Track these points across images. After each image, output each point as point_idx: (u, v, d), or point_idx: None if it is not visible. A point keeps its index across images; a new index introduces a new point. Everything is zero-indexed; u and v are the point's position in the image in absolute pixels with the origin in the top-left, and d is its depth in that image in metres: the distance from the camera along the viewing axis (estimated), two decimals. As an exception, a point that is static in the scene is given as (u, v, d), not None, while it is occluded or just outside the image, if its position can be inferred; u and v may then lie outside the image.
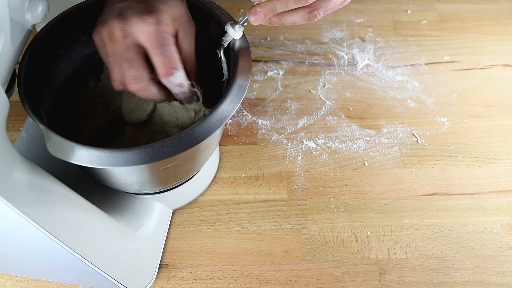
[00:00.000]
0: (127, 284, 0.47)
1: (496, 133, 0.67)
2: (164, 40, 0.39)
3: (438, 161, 0.64)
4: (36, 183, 0.38)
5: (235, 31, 0.43)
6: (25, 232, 0.36)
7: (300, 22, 0.41)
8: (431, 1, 0.86)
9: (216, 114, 0.40)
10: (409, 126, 0.68)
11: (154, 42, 0.39)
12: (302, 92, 0.71)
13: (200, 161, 0.50)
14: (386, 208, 0.59)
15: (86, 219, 0.45)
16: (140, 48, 0.39)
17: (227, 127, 0.67)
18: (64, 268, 0.45)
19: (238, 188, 0.61)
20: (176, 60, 0.40)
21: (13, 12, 0.37)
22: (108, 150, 0.37)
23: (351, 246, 0.56)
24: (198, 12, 0.48)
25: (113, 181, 0.46)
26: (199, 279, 0.53)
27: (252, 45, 0.77)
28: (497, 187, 0.62)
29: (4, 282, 0.52)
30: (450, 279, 0.54)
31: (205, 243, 0.56)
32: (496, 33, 0.81)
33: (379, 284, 0.53)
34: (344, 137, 0.66)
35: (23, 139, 0.57)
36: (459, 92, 0.72)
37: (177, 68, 0.40)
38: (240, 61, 0.44)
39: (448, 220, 0.59)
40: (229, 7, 0.44)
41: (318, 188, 0.61)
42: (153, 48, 0.39)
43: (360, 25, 0.81)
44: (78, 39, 0.51)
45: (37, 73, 0.45)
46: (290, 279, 0.54)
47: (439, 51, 0.78)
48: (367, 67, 0.75)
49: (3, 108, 0.36)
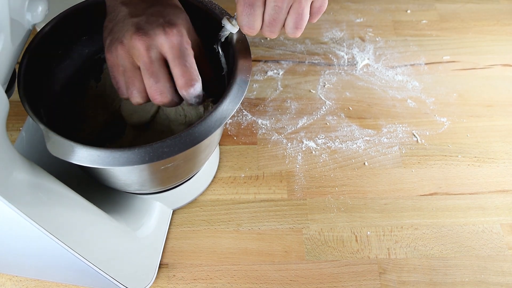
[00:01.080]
0: (127, 284, 0.47)
1: (496, 133, 0.67)
2: (186, 51, 0.40)
3: (438, 161, 0.64)
4: (36, 183, 0.38)
5: (232, 25, 0.43)
6: (25, 232, 0.36)
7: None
8: (431, 1, 0.86)
9: (216, 114, 0.40)
10: (409, 126, 0.68)
11: (176, 53, 0.39)
12: (302, 92, 0.71)
13: (200, 161, 0.50)
14: (386, 208, 0.59)
15: (86, 219, 0.45)
16: (163, 60, 0.40)
17: (227, 127, 0.67)
18: (64, 268, 0.45)
19: (238, 188, 0.61)
20: (196, 71, 0.40)
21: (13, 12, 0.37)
22: (108, 149, 0.37)
23: (351, 246, 0.56)
24: (198, 12, 0.48)
25: (113, 181, 0.46)
26: (199, 279, 0.53)
27: (252, 45, 0.77)
28: (497, 187, 0.62)
29: (4, 282, 0.52)
30: (450, 279, 0.54)
31: (205, 243, 0.56)
32: (496, 33, 0.81)
33: (379, 284, 0.53)
34: (344, 137, 0.66)
35: (23, 139, 0.57)
36: (459, 92, 0.72)
37: (197, 80, 0.40)
38: (240, 61, 0.44)
39: (448, 220, 0.59)
40: (229, 7, 0.44)
41: (318, 188, 0.61)
42: (175, 58, 0.39)
43: (360, 25, 0.81)
44: (78, 39, 0.51)
45: (37, 73, 0.45)
46: (290, 279, 0.54)
47: (439, 51, 0.78)
48: (367, 67, 0.75)
49: (3, 108, 0.36)
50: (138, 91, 0.41)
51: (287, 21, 0.40)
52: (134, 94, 0.41)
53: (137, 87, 0.41)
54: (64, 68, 0.50)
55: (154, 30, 0.39)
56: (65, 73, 0.51)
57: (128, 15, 0.40)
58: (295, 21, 0.39)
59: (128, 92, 0.42)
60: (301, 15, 0.39)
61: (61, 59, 0.50)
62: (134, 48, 0.39)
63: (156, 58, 0.39)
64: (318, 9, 0.40)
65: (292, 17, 0.39)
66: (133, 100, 0.42)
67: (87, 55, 0.52)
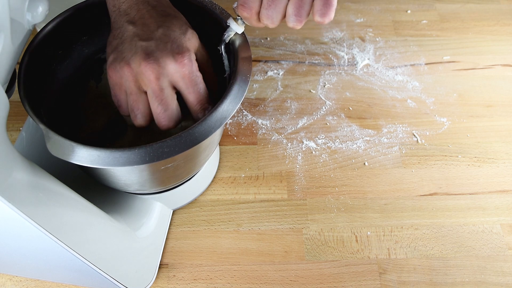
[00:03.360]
0: (127, 284, 0.47)
1: (496, 133, 0.67)
2: (197, 79, 0.41)
3: (438, 161, 0.64)
4: (36, 183, 0.38)
5: (238, 25, 0.43)
6: (25, 232, 0.36)
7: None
8: (431, 1, 0.86)
9: (216, 114, 0.40)
10: (409, 126, 0.68)
11: (188, 82, 0.40)
12: (302, 92, 0.71)
13: (200, 161, 0.50)
14: (386, 208, 0.59)
15: (86, 219, 0.45)
16: (172, 87, 0.41)
17: (227, 127, 0.67)
18: (64, 268, 0.45)
19: (238, 188, 0.61)
20: (207, 97, 0.42)
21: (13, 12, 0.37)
22: (108, 150, 0.37)
23: (351, 246, 0.56)
24: (198, 12, 0.48)
25: (113, 181, 0.46)
26: (199, 279, 0.53)
27: (252, 45, 0.77)
28: (497, 187, 0.62)
29: (4, 282, 0.52)
30: (450, 279, 0.54)
31: (205, 243, 0.56)
32: (496, 33, 0.81)
33: (379, 284, 0.53)
34: (344, 137, 0.66)
35: (23, 139, 0.57)
36: (459, 92, 0.72)
37: (209, 107, 0.42)
38: (241, 61, 0.44)
39: (448, 220, 0.59)
40: (229, 7, 0.44)
41: (318, 188, 0.61)
42: (187, 87, 0.40)
43: (360, 25, 0.81)
44: (79, 39, 0.51)
45: (37, 73, 0.45)
46: (290, 279, 0.54)
47: (439, 51, 0.78)
48: (367, 67, 0.75)
49: (3, 108, 0.36)
50: (142, 115, 0.42)
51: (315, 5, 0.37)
52: (138, 117, 0.42)
53: (142, 111, 0.42)
54: (64, 68, 0.50)
55: (164, 59, 0.39)
56: (65, 73, 0.51)
57: (136, 37, 0.40)
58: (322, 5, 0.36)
59: (132, 114, 0.42)
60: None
61: (61, 59, 0.50)
62: (143, 74, 0.39)
63: (166, 86, 0.40)
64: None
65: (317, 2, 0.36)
66: (136, 122, 0.43)
67: (88, 55, 0.52)
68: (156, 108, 0.41)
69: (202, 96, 0.42)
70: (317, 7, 0.36)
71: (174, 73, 0.39)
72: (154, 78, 0.39)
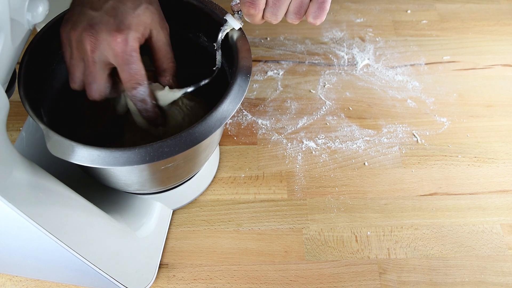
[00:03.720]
0: (127, 284, 0.47)
1: (496, 133, 0.67)
2: (131, 58, 0.41)
3: (438, 161, 0.64)
4: (36, 183, 0.38)
5: (235, 20, 0.43)
6: (25, 232, 0.36)
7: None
8: (431, 1, 0.86)
9: (216, 114, 0.40)
10: (409, 126, 0.68)
11: (121, 60, 0.41)
12: (302, 92, 0.71)
13: (200, 161, 0.50)
14: (386, 208, 0.59)
15: (86, 219, 0.45)
16: (107, 63, 0.42)
17: (227, 127, 0.67)
18: (64, 268, 0.45)
19: (238, 188, 0.61)
20: (140, 77, 0.42)
21: (13, 12, 0.37)
22: (108, 149, 0.37)
23: (351, 246, 0.56)
24: (198, 12, 0.48)
25: (113, 181, 0.46)
26: (199, 279, 0.53)
27: (252, 45, 0.77)
28: (497, 187, 0.62)
29: (4, 282, 0.52)
30: (450, 279, 0.54)
31: (205, 243, 0.56)
32: (496, 33, 0.81)
33: (379, 284, 0.53)
34: (344, 137, 0.66)
35: (23, 139, 0.57)
36: (459, 92, 0.72)
37: (140, 84, 0.43)
38: (240, 61, 0.44)
39: (448, 220, 0.59)
40: (230, 7, 0.44)
41: (318, 188, 0.61)
42: (120, 65, 0.41)
43: (360, 25, 0.81)
44: (78, 39, 0.51)
45: (37, 73, 0.45)
46: (290, 279, 0.54)
47: (439, 51, 0.78)
48: (367, 67, 0.75)
49: (3, 108, 0.36)
50: (76, 79, 0.43)
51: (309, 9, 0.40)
52: (73, 80, 0.44)
53: (77, 76, 0.43)
54: (64, 68, 0.50)
55: (102, 34, 0.40)
56: (65, 73, 0.50)
57: (87, 4, 0.41)
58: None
59: (69, 75, 0.44)
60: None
61: (61, 59, 0.50)
62: (82, 44, 0.40)
63: (99, 61, 0.41)
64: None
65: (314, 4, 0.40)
66: (71, 83, 0.44)
67: (87, 55, 0.52)
68: (85, 78, 0.43)
69: (133, 76, 0.42)
70: (312, 10, 0.40)
71: (108, 50, 0.40)
72: (89, 50, 0.40)
